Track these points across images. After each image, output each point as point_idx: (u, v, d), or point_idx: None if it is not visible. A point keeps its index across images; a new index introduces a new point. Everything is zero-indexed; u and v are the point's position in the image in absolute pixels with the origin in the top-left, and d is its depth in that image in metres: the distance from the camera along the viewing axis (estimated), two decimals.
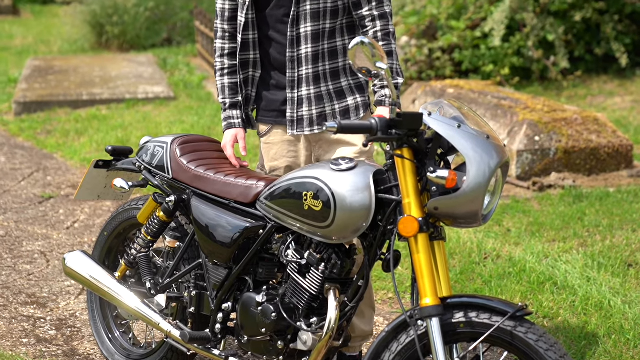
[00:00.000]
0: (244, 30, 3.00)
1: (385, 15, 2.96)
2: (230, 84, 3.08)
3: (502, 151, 2.49)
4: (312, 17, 2.94)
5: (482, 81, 7.13)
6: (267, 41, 3.03)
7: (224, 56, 3.09)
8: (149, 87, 8.26)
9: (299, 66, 2.97)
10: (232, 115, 3.10)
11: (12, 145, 6.74)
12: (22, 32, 12.72)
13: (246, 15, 2.98)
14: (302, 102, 3.00)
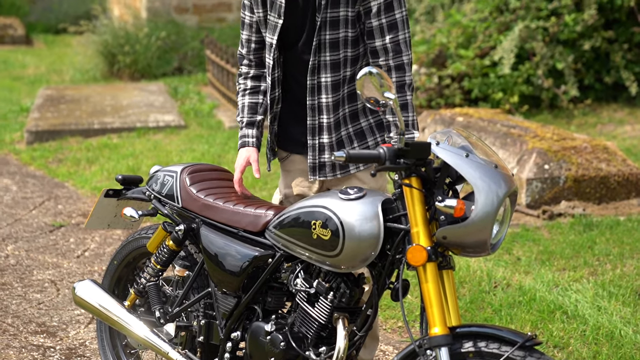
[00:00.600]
0: (268, 51, 3.01)
1: (402, 66, 2.92)
2: (250, 103, 3.09)
3: (510, 180, 2.50)
4: (331, 68, 2.94)
5: (491, 109, 7.15)
6: (290, 78, 3.03)
7: (248, 79, 3.11)
8: (159, 116, 8.31)
9: (319, 114, 2.98)
10: (247, 133, 3.09)
11: (23, 174, 6.78)
12: (34, 62, 12.84)
13: (273, 56, 2.98)
14: (323, 148, 3.01)
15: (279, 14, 2.93)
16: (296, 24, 2.94)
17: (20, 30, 15.18)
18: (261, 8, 2.98)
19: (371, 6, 2.88)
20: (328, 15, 2.88)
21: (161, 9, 12.17)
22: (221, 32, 11.75)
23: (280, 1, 2.91)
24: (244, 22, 3.07)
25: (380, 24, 2.89)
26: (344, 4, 2.87)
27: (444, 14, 8.81)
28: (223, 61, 9.10)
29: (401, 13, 2.91)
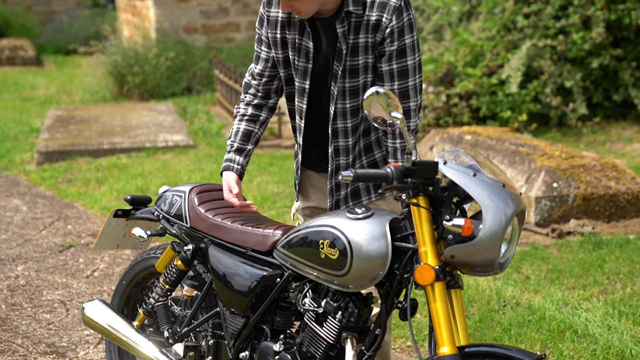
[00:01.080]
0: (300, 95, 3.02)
1: (407, 112, 2.93)
2: (245, 130, 3.07)
3: (518, 199, 2.50)
4: (351, 114, 2.96)
5: (499, 127, 7.15)
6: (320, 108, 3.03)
7: (250, 106, 3.09)
8: (168, 136, 8.34)
9: (337, 156, 3.01)
10: (234, 159, 3.05)
11: (33, 194, 6.80)
12: (45, 83, 12.92)
13: (307, 100, 2.99)
14: (339, 187, 3.05)
15: (307, 59, 2.93)
16: (322, 68, 2.95)
17: (31, 51, 15.29)
18: (280, 49, 2.98)
19: (385, 51, 2.88)
20: (348, 63, 2.89)
21: (170, 30, 12.25)
22: (230, 52, 11.82)
23: (308, 46, 2.92)
24: (259, 57, 3.04)
25: (390, 69, 2.89)
26: (363, 51, 2.88)
27: (451, 33, 8.84)
28: (232, 81, 9.14)
29: (413, 59, 2.90)
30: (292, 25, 2.93)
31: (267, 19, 2.97)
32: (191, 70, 11.52)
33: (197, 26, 12.48)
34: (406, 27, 2.86)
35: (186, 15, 12.40)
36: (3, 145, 8.47)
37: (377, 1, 2.83)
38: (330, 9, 2.87)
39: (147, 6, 12.64)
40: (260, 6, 3.01)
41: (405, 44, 2.87)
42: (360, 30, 2.86)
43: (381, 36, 2.85)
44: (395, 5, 2.83)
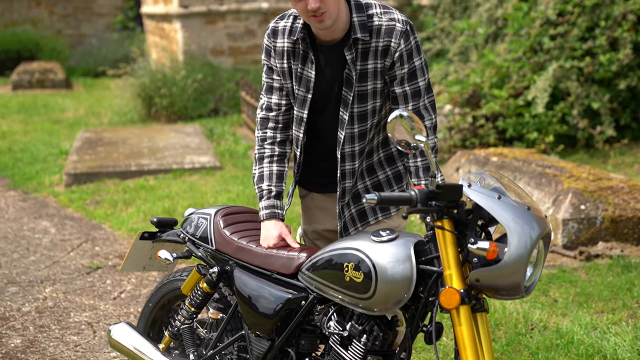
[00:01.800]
0: (298, 124, 3.05)
1: (423, 152, 2.96)
2: (278, 171, 3.06)
3: (543, 222, 2.49)
4: (359, 138, 2.99)
5: (526, 149, 7.12)
6: (313, 136, 3.07)
7: (275, 144, 3.07)
8: (195, 157, 8.39)
9: (343, 179, 3.03)
10: (277, 205, 3.03)
11: (62, 216, 6.87)
12: (74, 105, 13.06)
13: (304, 129, 3.02)
14: (347, 205, 3.07)
15: (307, 88, 2.96)
16: (323, 96, 2.98)
17: (61, 74, 15.48)
18: (289, 79, 3.00)
19: (396, 75, 2.92)
20: (356, 89, 2.92)
21: (197, 52, 12.35)
22: (256, 73, 11.89)
23: (309, 75, 2.94)
24: (272, 87, 3.04)
25: (404, 92, 2.94)
26: (371, 77, 2.92)
27: (477, 54, 8.84)
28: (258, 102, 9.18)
29: (424, 80, 2.95)
30: (296, 54, 2.96)
31: (274, 49, 2.99)
32: (218, 92, 11.60)
33: (224, 48, 12.58)
34: (414, 50, 2.91)
35: (213, 37, 12.50)
36: (32, 167, 8.56)
37: (384, 27, 2.87)
38: (337, 37, 2.90)
39: (174, 29, 12.77)
40: (265, 37, 3.03)
41: (415, 66, 2.92)
42: (369, 57, 2.89)
43: (391, 60, 2.89)
44: (402, 29, 2.87)
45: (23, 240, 6.18)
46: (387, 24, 2.88)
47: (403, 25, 2.88)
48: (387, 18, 2.88)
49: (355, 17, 2.87)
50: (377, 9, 2.91)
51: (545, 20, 8.14)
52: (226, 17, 12.50)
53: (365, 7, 2.90)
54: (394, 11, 2.92)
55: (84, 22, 18.83)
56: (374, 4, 2.92)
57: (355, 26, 2.86)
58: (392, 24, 2.88)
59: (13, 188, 7.85)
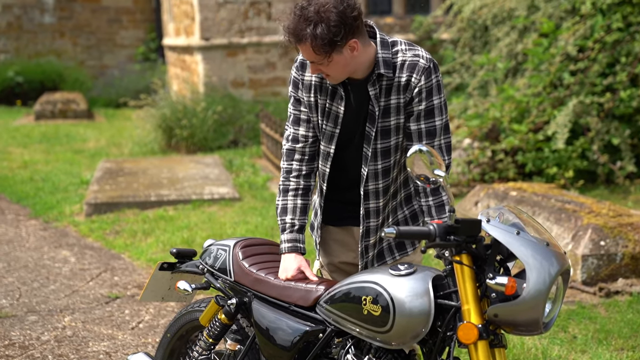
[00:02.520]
0: (325, 159, 3.07)
1: (435, 190, 2.95)
2: (302, 205, 3.07)
3: (562, 258, 2.49)
4: (383, 175, 3.01)
5: (545, 184, 7.10)
6: (341, 168, 3.08)
7: (301, 177, 3.08)
8: (214, 188, 8.43)
9: (367, 218, 3.04)
10: (299, 239, 3.05)
11: (82, 245, 6.91)
12: (95, 135, 13.18)
13: (330, 163, 3.04)
14: (368, 249, 3.09)
15: (335, 123, 2.98)
16: (349, 131, 3.00)
17: (83, 104, 15.64)
18: (315, 113, 3.02)
19: (413, 110, 2.93)
20: (380, 125, 2.94)
21: (218, 84, 12.46)
22: (276, 105, 11.96)
23: (338, 111, 2.97)
24: (299, 118, 3.05)
25: (419, 129, 2.94)
26: (394, 112, 2.94)
27: (497, 89, 8.86)
28: (277, 134, 9.24)
29: (441, 120, 2.94)
30: (323, 89, 2.98)
31: (302, 82, 3.02)
32: (238, 124, 11.67)
33: (244, 80, 12.69)
34: (434, 88, 2.91)
35: (234, 69, 12.62)
36: (53, 196, 8.64)
37: (407, 63, 2.90)
38: (362, 75, 2.93)
39: (196, 61, 12.89)
40: (293, 70, 3.04)
41: (433, 105, 2.92)
42: (392, 92, 2.91)
43: (410, 95, 2.91)
44: (425, 66, 2.89)
45: (43, 269, 6.22)
46: (411, 60, 2.90)
47: (426, 62, 2.90)
48: (412, 54, 2.91)
49: (380, 54, 2.90)
50: (403, 46, 2.93)
51: (566, 56, 8.16)
52: (247, 50, 12.62)
53: (391, 44, 2.93)
54: (419, 49, 2.94)
55: (106, 54, 19.05)
56: (400, 41, 2.95)
57: (379, 62, 2.89)
58: (415, 59, 2.90)
59: (34, 217, 7.92)
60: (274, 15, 12.60)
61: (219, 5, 12.45)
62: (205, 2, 12.39)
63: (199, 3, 12.39)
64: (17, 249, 6.78)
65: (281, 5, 12.55)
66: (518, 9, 9.30)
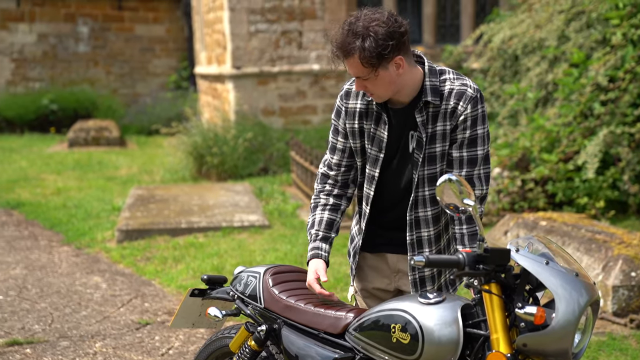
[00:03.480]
0: (370, 182, 3.11)
1: (470, 219, 2.99)
2: (329, 219, 3.16)
3: (592, 289, 2.49)
4: (431, 202, 3.04)
5: (575, 214, 7.07)
6: (385, 195, 3.12)
7: (331, 196, 3.18)
8: (244, 216, 8.49)
9: (420, 247, 3.07)
10: (321, 247, 3.15)
11: (113, 271, 6.98)
12: (127, 163, 13.32)
13: (374, 187, 3.09)
14: (424, 281, 3.10)
15: (380, 148, 3.04)
16: (389, 155, 3.06)
17: (115, 132, 15.83)
18: (358, 139, 3.09)
19: (457, 138, 2.98)
20: (427, 151, 2.99)
21: (249, 112, 12.57)
22: (306, 134, 12.04)
23: (383, 136, 3.02)
24: (336, 147, 3.15)
25: (460, 157, 2.99)
26: (440, 139, 2.98)
27: (527, 118, 8.85)
28: (307, 162, 9.30)
29: (483, 150, 2.99)
30: (369, 115, 3.04)
31: (345, 110, 3.08)
32: (268, 152, 11.75)
33: (275, 109, 12.79)
34: (479, 118, 2.96)
35: (265, 98, 12.72)
36: (86, 223, 8.74)
37: (455, 91, 2.94)
38: (406, 101, 2.97)
39: (227, 89, 13.03)
40: (337, 99, 3.13)
41: (477, 134, 2.96)
42: (438, 119, 2.96)
43: (455, 123, 2.94)
44: (472, 95, 2.93)
45: (75, 295, 6.29)
46: (459, 88, 2.95)
47: (474, 92, 2.95)
48: (460, 83, 2.96)
49: (428, 81, 2.95)
50: (451, 75, 2.99)
51: (596, 86, 8.14)
52: (278, 78, 12.73)
53: (439, 72, 2.99)
54: (467, 79, 3.00)
55: (139, 82, 19.30)
56: (448, 70, 3.01)
57: (427, 90, 2.94)
58: (463, 88, 2.95)
59: (67, 243, 8.01)
60: (305, 45, 12.72)
61: (251, 35, 12.60)
62: (237, 32, 12.54)
63: (231, 32, 12.55)
64: (50, 275, 6.86)
65: (312, 35, 12.67)
66: (548, 39, 9.32)
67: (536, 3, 10.23)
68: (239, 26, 12.54)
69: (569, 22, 9.23)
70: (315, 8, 12.68)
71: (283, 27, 12.68)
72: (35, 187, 10.97)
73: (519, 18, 10.23)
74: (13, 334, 5.37)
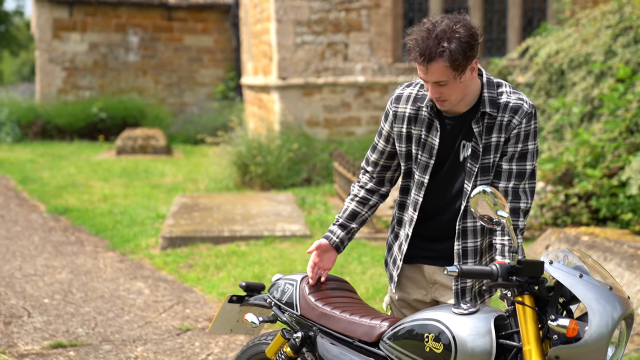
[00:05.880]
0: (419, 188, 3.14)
1: (517, 210, 3.00)
2: (354, 210, 3.26)
3: (626, 303, 2.50)
4: None
5: (618, 230, 7.00)
6: (429, 203, 3.15)
7: (363, 189, 3.28)
8: (286, 225, 8.55)
9: (465, 257, 3.10)
10: (336, 232, 3.26)
11: (156, 278, 7.08)
12: (173, 171, 13.49)
13: (423, 194, 3.12)
14: (465, 291, 3.11)
15: (430, 155, 3.08)
16: (439, 163, 3.09)
17: (162, 140, 16.04)
18: (404, 143, 3.14)
19: (508, 151, 3.02)
20: (481, 162, 3.02)
21: (293, 122, 12.66)
22: (350, 145, 12.08)
23: (434, 143, 3.07)
24: (376, 147, 3.23)
25: (510, 169, 3.02)
26: (493, 150, 3.02)
27: (571, 133, 8.79)
28: (350, 173, 9.34)
29: (532, 165, 3.03)
30: (419, 120, 3.09)
31: (395, 114, 3.13)
32: (311, 162, 11.81)
33: (319, 120, 12.86)
34: (532, 133, 3.01)
35: (310, 109, 12.81)
36: (131, 230, 8.88)
37: (511, 104, 2.99)
38: (462, 110, 3.01)
39: (272, 100, 13.14)
40: (388, 103, 3.19)
41: (528, 149, 3.01)
42: (493, 131, 2.99)
43: (508, 136, 2.98)
44: (528, 111, 2.98)
45: (118, 300, 6.40)
46: (515, 102, 2.99)
47: (529, 107, 3.00)
48: (516, 97, 3.01)
49: (486, 93, 3.00)
50: (508, 88, 3.04)
51: None
52: (323, 90, 12.80)
53: (496, 85, 3.04)
54: (522, 94, 3.04)
55: (186, 91, 19.55)
56: (505, 84, 3.06)
57: (485, 101, 2.99)
58: (519, 102, 3.00)
59: (112, 249, 8.15)
60: (350, 56, 12.78)
61: (297, 46, 12.70)
62: (283, 43, 12.65)
63: (277, 43, 12.66)
64: (95, 280, 6.99)
65: (357, 47, 12.73)
66: (595, 54, 9.25)
67: (583, 18, 10.16)
68: (285, 37, 12.65)
69: (616, 37, 9.16)
70: (361, 20, 12.75)
71: (329, 39, 12.76)
72: (82, 194, 11.17)
73: (566, 32, 10.17)
74: (57, 336, 5.49)
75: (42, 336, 5.49)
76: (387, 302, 3.33)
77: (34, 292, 6.57)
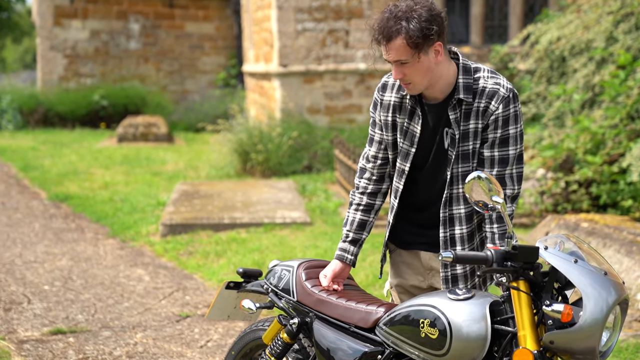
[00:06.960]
0: (399, 175, 3.14)
1: (501, 218, 2.98)
2: (361, 220, 3.21)
3: (620, 288, 2.50)
4: (464, 200, 3.05)
5: (618, 216, 7.00)
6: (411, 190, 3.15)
7: (365, 195, 3.22)
8: (286, 212, 8.55)
9: (453, 245, 3.08)
10: (349, 249, 3.20)
11: (156, 265, 7.10)
12: (174, 158, 13.50)
13: (404, 181, 3.12)
14: (457, 279, 3.11)
15: (412, 142, 3.07)
16: (425, 151, 3.08)
17: (164, 128, 16.04)
18: (390, 132, 3.13)
19: (488, 137, 2.99)
20: (459, 149, 3.00)
21: (294, 110, 12.65)
22: (351, 132, 12.07)
23: (415, 131, 3.06)
24: (373, 139, 3.19)
25: (492, 156, 2.99)
26: (472, 137, 3.00)
27: (572, 120, 8.78)
28: (350, 161, 9.33)
29: (515, 149, 2.99)
30: (402, 109, 3.07)
31: (381, 102, 3.12)
32: (312, 150, 11.81)
33: (320, 107, 12.84)
34: (512, 117, 2.96)
35: (310, 96, 12.79)
36: (131, 217, 8.89)
37: (487, 90, 2.95)
38: (440, 97, 2.99)
39: (273, 87, 13.12)
40: (375, 91, 3.18)
41: (508, 134, 2.96)
42: (471, 117, 2.97)
43: (486, 122, 2.95)
44: (504, 95, 2.94)
45: (118, 286, 6.42)
46: (491, 87, 2.96)
47: (506, 91, 2.95)
48: (493, 82, 2.97)
49: (461, 79, 2.97)
50: (485, 73, 3.00)
51: None
52: (324, 77, 12.79)
53: (473, 70, 3.00)
54: (501, 77, 3.00)
55: (188, 79, 19.53)
56: (483, 68, 3.02)
57: (459, 87, 2.96)
58: (495, 87, 2.96)
59: (112, 236, 8.17)
60: (351, 44, 12.75)
61: (298, 33, 12.67)
62: (284, 30, 12.63)
63: (278, 30, 12.63)
64: (95, 267, 7.01)
65: (359, 34, 12.69)
66: (596, 41, 9.22)
67: (585, 4, 10.13)
68: (286, 25, 12.62)
69: (617, 24, 9.13)
70: (362, 7, 12.71)
71: (330, 26, 12.73)
72: (83, 181, 11.18)
73: (567, 19, 10.15)
74: (57, 323, 5.51)
75: (41, 322, 5.51)
76: (387, 288, 3.33)
77: (34, 278, 6.59)
